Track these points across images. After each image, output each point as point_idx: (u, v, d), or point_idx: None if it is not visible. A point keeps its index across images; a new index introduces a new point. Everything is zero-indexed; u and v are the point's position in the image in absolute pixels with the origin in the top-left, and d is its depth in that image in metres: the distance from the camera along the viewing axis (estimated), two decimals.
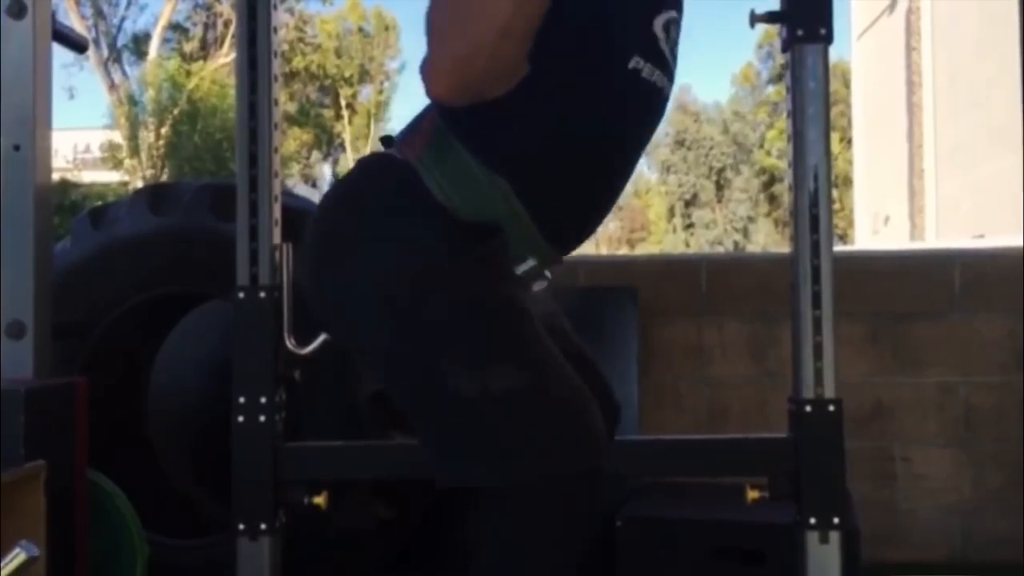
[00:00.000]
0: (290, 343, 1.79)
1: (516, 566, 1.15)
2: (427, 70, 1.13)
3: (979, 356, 3.06)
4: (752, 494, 1.73)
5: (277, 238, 1.82)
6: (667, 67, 1.32)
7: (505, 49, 1.10)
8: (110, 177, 20.16)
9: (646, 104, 1.32)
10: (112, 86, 21.57)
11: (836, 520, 1.68)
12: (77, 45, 2.00)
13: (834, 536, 1.68)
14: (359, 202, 1.31)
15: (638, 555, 2.40)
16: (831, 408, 1.70)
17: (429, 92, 1.14)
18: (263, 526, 1.75)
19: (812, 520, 1.68)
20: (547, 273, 1.38)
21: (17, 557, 1.05)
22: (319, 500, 1.75)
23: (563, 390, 1.19)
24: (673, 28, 1.32)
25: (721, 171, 31.57)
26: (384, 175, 1.31)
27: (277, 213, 1.83)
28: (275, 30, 1.81)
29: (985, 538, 3.01)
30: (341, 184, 1.37)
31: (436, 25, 1.13)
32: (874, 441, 3.06)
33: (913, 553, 3.01)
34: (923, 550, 3.03)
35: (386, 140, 1.39)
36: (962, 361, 3.06)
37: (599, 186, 1.36)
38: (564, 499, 1.14)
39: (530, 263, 1.32)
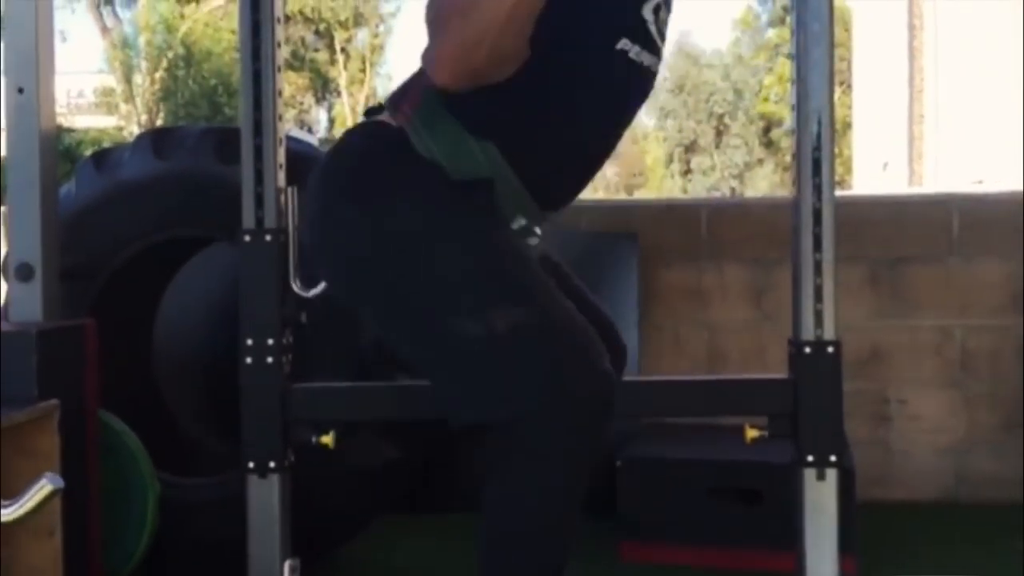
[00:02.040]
0: (296, 286, 1.80)
1: (527, 493, 1.19)
2: (430, 59, 1.16)
3: (976, 300, 3.08)
4: (751, 433, 1.76)
5: (282, 182, 1.83)
6: (655, 48, 1.37)
7: (507, 38, 1.15)
8: (105, 122, 19.99)
9: (631, 82, 1.38)
10: (105, 29, 21.30)
11: (833, 458, 1.71)
12: None
13: (831, 474, 1.71)
14: (357, 165, 1.34)
15: (638, 494, 2.45)
16: (830, 350, 1.73)
17: (434, 80, 1.16)
18: (272, 464, 1.78)
19: (810, 458, 1.71)
20: (537, 231, 1.43)
21: (44, 488, 1.09)
22: (327, 439, 1.78)
23: (566, 324, 1.23)
24: (663, 10, 1.38)
25: (721, 117, 31.36)
26: (378, 139, 1.34)
27: (281, 157, 1.83)
28: None
29: (978, 479, 3.07)
30: (337, 151, 1.40)
31: (439, 15, 1.16)
32: (871, 383, 3.10)
33: (908, 493, 3.07)
34: (917, 490, 3.09)
35: (372, 110, 1.41)
36: (959, 305, 3.09)
37: (585, 154, 1.42)
38: (573, 425, 1.18)
39: (520, 221, 1.38)
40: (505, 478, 1.20)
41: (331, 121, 29.38)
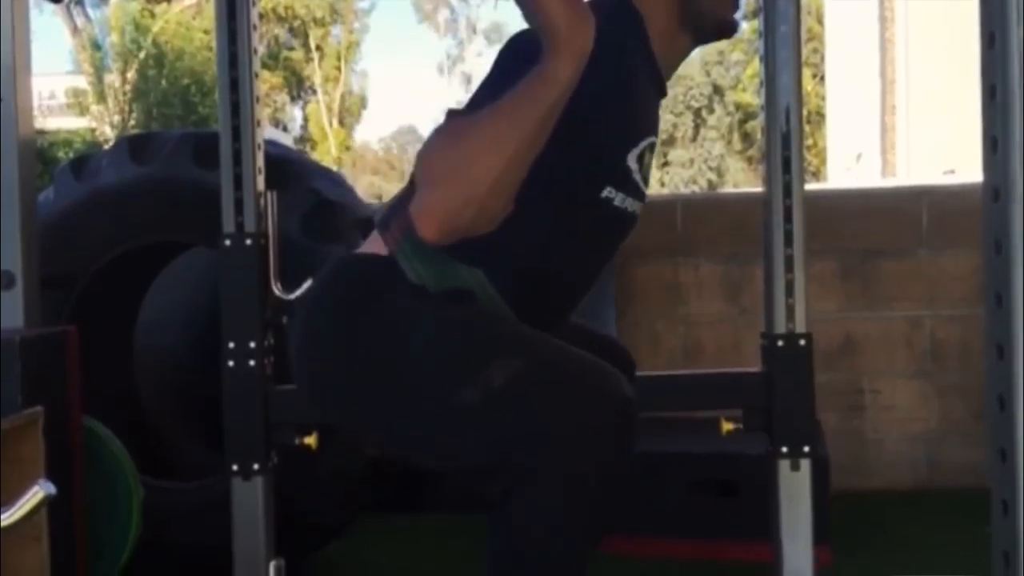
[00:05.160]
0: (277, 288, 1.82)
1: (537, 528, 1.16)
2: (417, 213, 1.16)
3: (945, 291, 3.14)
4: (727, 426, 1.80)
5: (261, 186, 1.85)
6: (639, 193, 1.41)
7: (495, 201, 1.14)
8: (77, 123, 19.80)
9: (615, 226, 1.42)
10: (75, 30, 21.10)
11: (807, 448, 1.75)
12: None
13: (805, 463, 1.75)
14: (341, 302, 1.33)
15: (619, 488, 2.48)
16: (802, 342, 1.77)
17: (419, 232, 1.17)
18: (256, 466, 1.80)
19: (784, 449, 1.75)
20: None
21: (36, 495, 1.10)
22: (310, 440, 1.80)
23: (567, 360, 1.22)
24: (648, 154, 1.41)
25: (698, 111, 31.46)
26: (361, 275, 1.34)
27: (260, 161, 1.86)
28: None
29: (950, 466, 3.13)
30: (323, 286, 1.38)
31: (429, 171, 1.16)
32: (844, 374, 3.15)
33: (881, 481, 3.13)
34: (890, 478, 3.14)
35: (367, 223, 1.40)
36: (929, 296, 3.15)
37: (570, 289, 1.45)
38: (589, 456, 1.16)
39: None
40: (515, 515, 1.16)
41: (306, 119, 29.26)
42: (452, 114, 1.22)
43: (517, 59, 1.22)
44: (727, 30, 1.47)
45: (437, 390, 1.22)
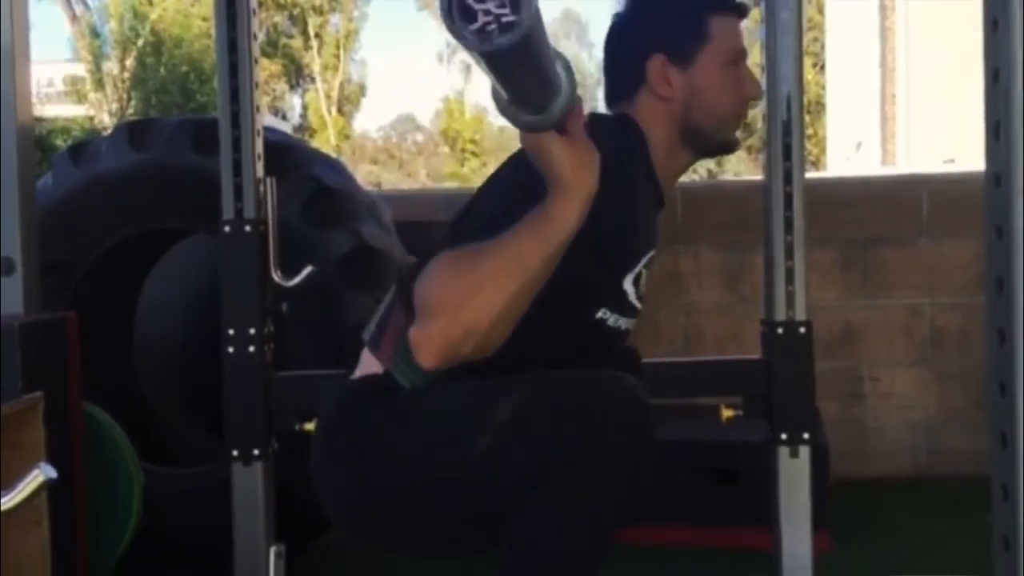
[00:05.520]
0: (276, 275, 1.82)
1: (553, 544, 1.17)
2: (416, 343, 1.13)
3: (945, 279, 3.14)
4: (727, 413, 1.80)
5: (260, 172, 1.85)
6: (633, 312, 1.42)
7: (497, 331, 1.12)
8: (75, 111, 19.77)
9: (607, 342, 1.42)
10: (73, 18, 21.05)
11: (806, 435, 1.75)
12: None
13: (804, 451, 1.76)
14: (344, 421, 1.35)
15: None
16: (802, 330, 1.77)
17: (417, 359, 1.14)
18: (256, 452, 1.81)
19: (783, 436, 1.76)
20: None
21: (36, 478, 1.10)
22: (310, 427, 1.80)
23: (561, 379, 1.22)
24: (643, 276, 1.41)
25: None
26: (362, 394, 1.35)
27: (260, 147, 1.85)
28: None
29: (949, 454, 3.13)
30: (329, 414, 1.39)
31: (429, 301, 1.13)
32: (844, 362, 3.15)
33: (881, 469, 3.13)
34: (890, 466, 3.15)
35: (356, 341, 1.40)
36: (929, 284, 3.15)
37: None
38: (611, 456, 1.17)
39: None
40: (529, 525, 1.17)
41: (304, 107, 29.18)
42: (449, 243, 1.20)
43: (517, 184, 1.20)
44: (728, 149, 1.49)
45: (453, 455, 1.22)
